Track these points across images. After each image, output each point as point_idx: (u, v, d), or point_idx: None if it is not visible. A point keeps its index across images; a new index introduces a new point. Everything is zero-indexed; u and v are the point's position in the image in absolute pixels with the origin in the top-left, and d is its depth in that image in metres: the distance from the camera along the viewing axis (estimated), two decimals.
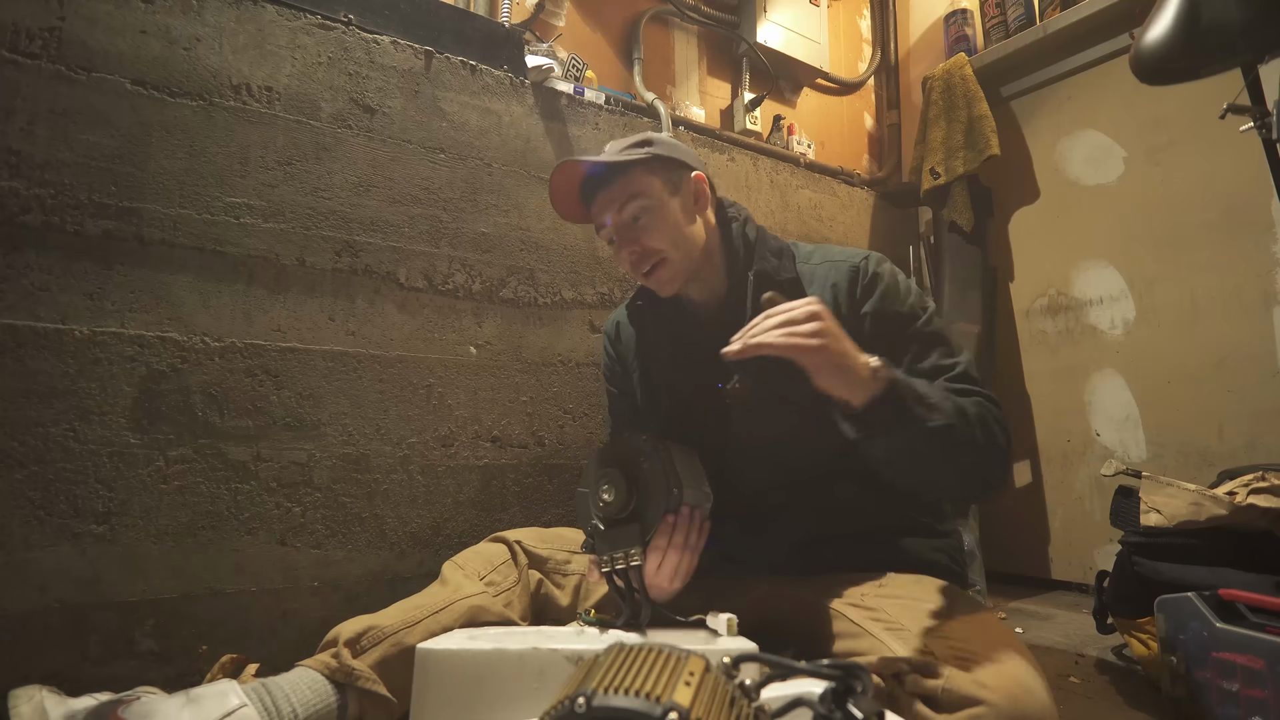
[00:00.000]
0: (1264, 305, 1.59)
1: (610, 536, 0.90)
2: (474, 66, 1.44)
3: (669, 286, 0.98)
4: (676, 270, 0.97)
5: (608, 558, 0.89)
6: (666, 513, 0.87)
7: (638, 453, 0.90)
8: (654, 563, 0.87)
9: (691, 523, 0.88)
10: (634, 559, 0.87)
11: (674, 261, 0.97)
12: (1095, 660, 1.32)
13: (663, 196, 0.96)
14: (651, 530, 0.87)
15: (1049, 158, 2.04)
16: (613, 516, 0.90)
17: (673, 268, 0.97)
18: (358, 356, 1.24)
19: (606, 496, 0.90)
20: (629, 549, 0.88)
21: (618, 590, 0.90)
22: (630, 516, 0.89)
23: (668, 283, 0.98)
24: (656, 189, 0.96)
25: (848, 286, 0.96)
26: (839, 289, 0.96)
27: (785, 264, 0.99)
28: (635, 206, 0.95)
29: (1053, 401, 1.98)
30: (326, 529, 1.18)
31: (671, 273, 0.97)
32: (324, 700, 0.79)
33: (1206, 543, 1.13)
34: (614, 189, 0.95)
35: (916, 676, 0.72)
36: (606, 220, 0.97)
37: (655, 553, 0.87)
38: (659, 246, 0.95)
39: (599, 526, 0.91)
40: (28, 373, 0.98)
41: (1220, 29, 0.98)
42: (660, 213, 0.96)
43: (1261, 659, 0.90)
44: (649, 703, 0.38)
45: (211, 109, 1.15)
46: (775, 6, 2.04)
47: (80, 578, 0.99)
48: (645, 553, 0.87)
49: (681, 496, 0.87)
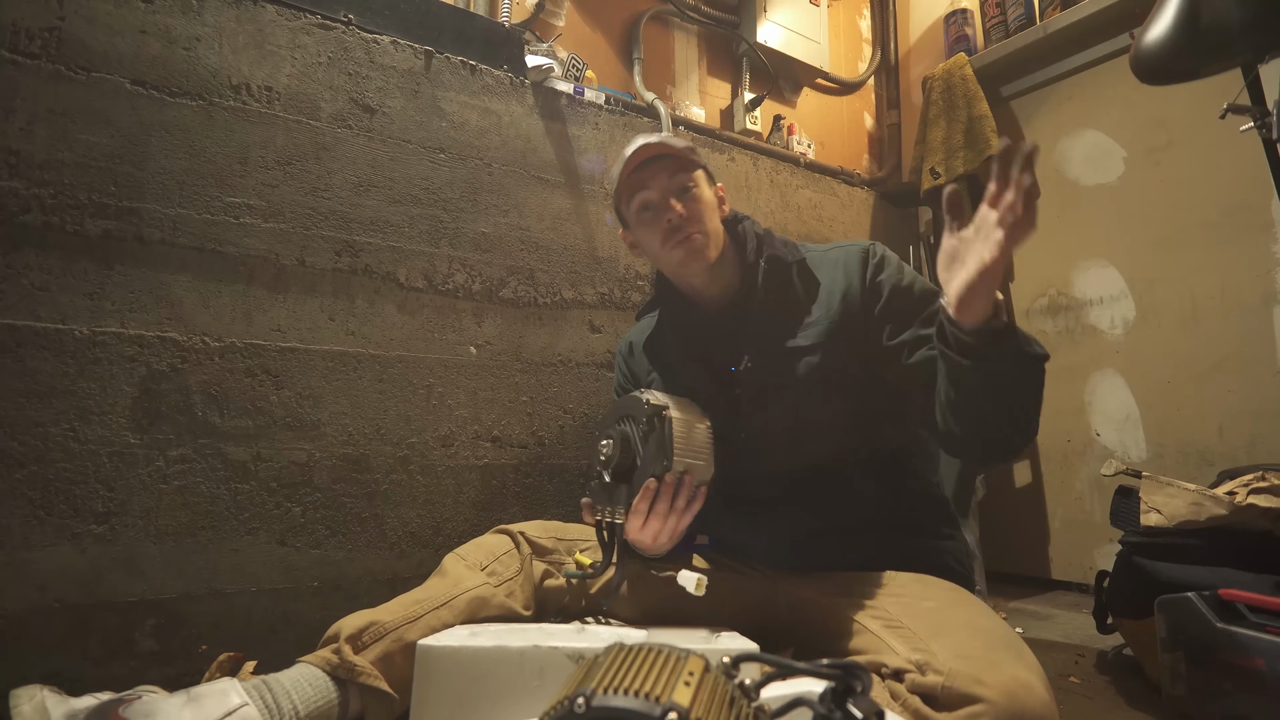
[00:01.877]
0: (1264, 305, 1.59)
1: (606, 490, 0.93)
2: (474, 66, 1.44)
3: (700, 257, 0.99)
4: (707, 241, 1.00)
5: (599, 508, 0.94)
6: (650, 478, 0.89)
7: (643, 414, 0.92)
8: (635, 524, 0.90)
9: (678, 490, 0.89)
10: (618, 516, 0.91)
11: (709, 234, 1.01)
12: (1095, 660, 1.32)
13: (704, 184, 1.03)
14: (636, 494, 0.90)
15: (1049, 158, 2.04)
16: (611, 470, 0.93)
17: (707, 238, 1.00)
18: (358, 356, 1.24)
19: (605, 451, 0.94)
20: (615, 506, 0.91)
21: (602, 542, 0.95)
22: (623, 475, 0.92)
23: (700, 250, 0.99)
24: (700, 176, 1.03)
25: (859, 266, 1.00)
26: (850, 267, 1.01)
27: (793, 250, 1.05)
28: (685, 178, 1.00)
29: (1053, 401, 1.95)
30: (326, 529, 1.18)
31: (704, 241, 1.00)
32: (325, 697, 0.79)
33: (1206, 543, 1.13)
34: (666, 162, 1.00)
35: (916, 674, 0.72)
36: (650, 185, 1.00)
37: (636, 515, 0.89)
38: (699, 216, 1.00)
39: (600, 476, 0.95)
40: (28, 373, 0.98)
41: (1220, 29, 0.98)
42: (703, 193, 1.02)
43: (1261, 659, 0.90)
44: (649, 703, 0.38)
45: (211, 109, 1.15)
46: (775, 6, 2.04)
47: (80, 578, 0.99)
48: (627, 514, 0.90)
49: (670, 465, 0.89)
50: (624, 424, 0.94)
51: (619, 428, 0.94)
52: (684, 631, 0.90)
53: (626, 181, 1.02)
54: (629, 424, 0.93)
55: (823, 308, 1.00)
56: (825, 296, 1.00)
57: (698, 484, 0.92)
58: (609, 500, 0.93)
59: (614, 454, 0.92)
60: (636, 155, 0.99)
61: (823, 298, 1.00)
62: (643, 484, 0.88)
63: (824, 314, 0.99)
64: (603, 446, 0.94)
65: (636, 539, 0.91)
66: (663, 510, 0.89)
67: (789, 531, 1.00)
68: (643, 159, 1.00)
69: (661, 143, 0.99)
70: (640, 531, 0.90)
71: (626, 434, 0.93)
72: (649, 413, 0.90)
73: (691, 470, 0.91)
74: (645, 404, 0.91)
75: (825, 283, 1.01)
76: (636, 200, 1.02)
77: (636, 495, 0.88)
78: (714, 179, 1.08)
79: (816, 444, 0.98)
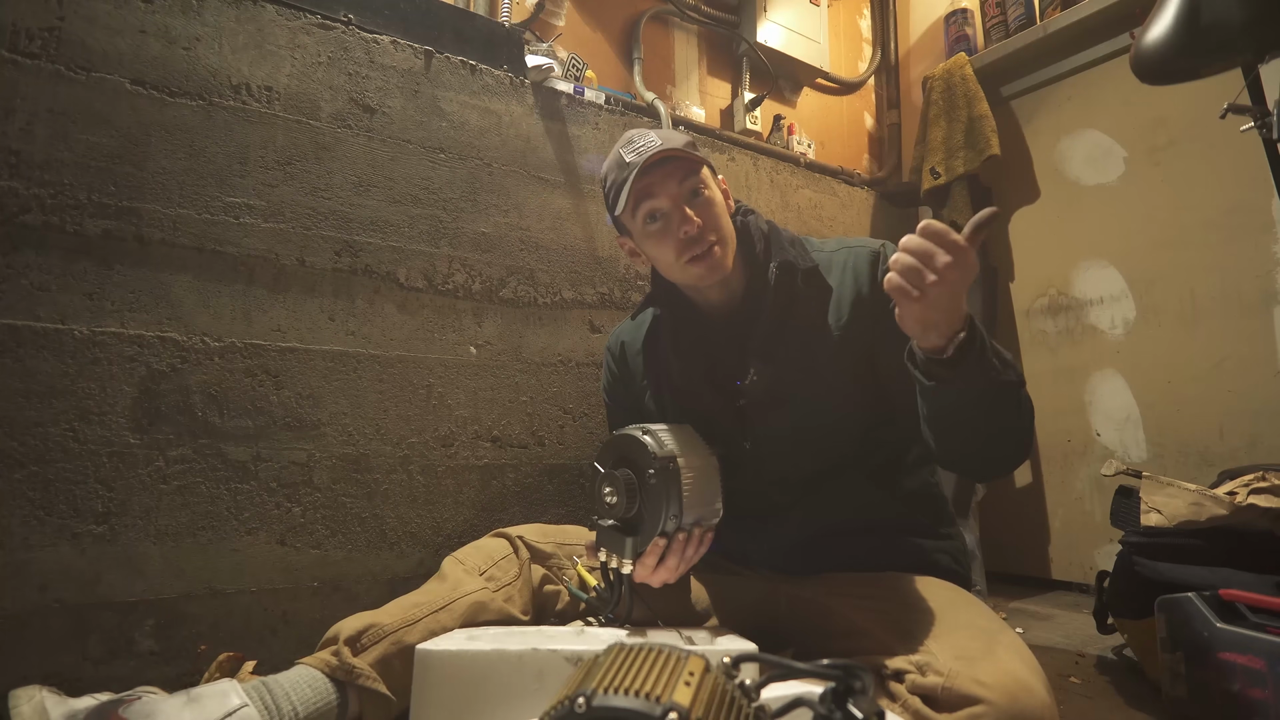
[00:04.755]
0: (1264, 305, 1.59)
1: (608, 535, 0.90)
2: (474, 66, 1.44)
3: (721, 270, 0.95)
4: (727, 252, 0.96)
5: (603, 551, 0.90)
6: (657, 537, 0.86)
7: (649, 462, 0.87)
8: (641, 574, 0.88)
9: (688, 543, 0.88)
10: (624, 566, 0.88)
11: (728, 243, 0.96)
12: (1095, 660, 1.32)
13: (712, 184, 0.98)
14: (642, 548, 0.87)
15: (1049, 158, 2.04)
16: (613, 517, 0.90)
17: (727, 249, 0.96)
18: (358, 356, 1.24)
19: (610, 499, 0.89)
20: (620, 555, 0.88)
21: (608, 581, 0.92)
22: (628, 526, 0.88)
23: (720, 264, 0.95)
24: (709, 176, 0.98)
25: (869, 270, 0.97)
26: (860, 272, 0.97)
27: (802, 253, 0.99)
28: (694, 181, 0.94)
29: (1053, 401, 1.98)
30: (326, 529, 1.18)
31: (724, 254, 0.95)
32: (324, 698, 0.79)
33: (1207, 543, 1.13)
34: (674, 165, 0.94)
35: (916, 675, 0.72)
36: (657, 193, 0.93)
37: (642, 568, 0.87)
38: (716, 224, 0.95)
39: (599, 521, 0.91)
40: (28, 373, 0.98)
41: (1220, 29, 0.98)
42: (714, 196, 0.97)
43: (1262, 659, 0.90)
44: (649, 703, 0.38)
45: (211, 109, 1.15)
46: (775, 6, 2.03)
47: (80, 577, 0.99)
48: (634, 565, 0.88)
49: (680, 524, 0.86)
50: (621, 469, 0.88)
51: (623, 474, 0.88)
52: (684, 632, 0.90)
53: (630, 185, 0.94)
54: (633, 471, 0.88)
55: (834, 315, 0.96)
56: (835, 304, 0.96)
57: (706, 530, 0.91)
58: (615, 548, 0.89)
59: (619, 504, 0.87)
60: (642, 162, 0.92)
61: (833, 305, 0.96)
62: (647, 536, 0.86)
63: (835, 322, 0.96)
64: (606, 494, 0.89)
65: (640, 579, 0.89)
66: (672, 565, 0.87)
67: (790, 535, 1.00)
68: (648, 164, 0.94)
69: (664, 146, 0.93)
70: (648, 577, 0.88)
71: (631, 483, 0.87)
72: (658, 466, 0.85)
73: (701, 520, 0.89)
74: (652, 455, 0.86)
75: (835, 287, 0.97)
76: (643, 209, 0.94)
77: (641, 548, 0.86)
78: (715, 171, 1.02)
79: (820, 451, 0.98)
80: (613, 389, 1.18)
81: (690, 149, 0.96)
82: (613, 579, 0.90)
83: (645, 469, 0.87)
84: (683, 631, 0.90)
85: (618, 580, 0.89)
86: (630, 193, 0.94)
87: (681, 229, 0.92)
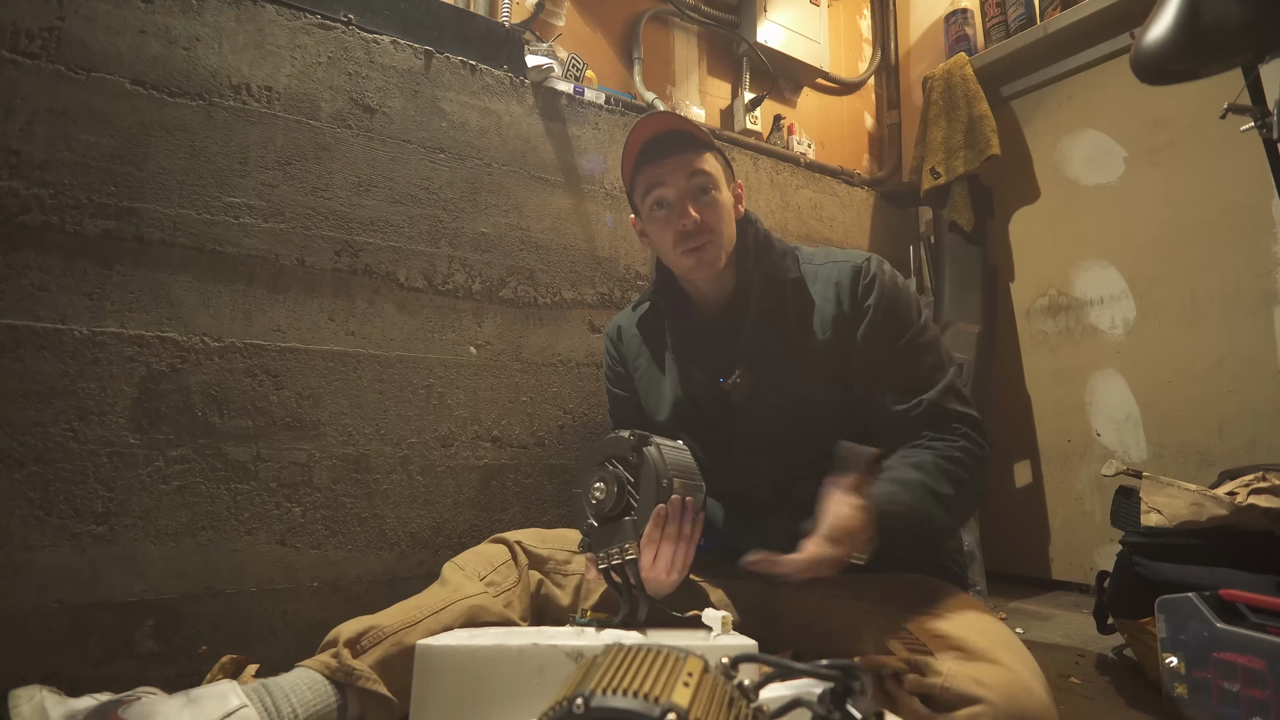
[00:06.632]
0: (1264, 305, 1.59)
1: (605, 533, 0.90)
2: (474, 66, 1.44)
3: (711, 268, 1.00)
4: (719, 252, 1.00)
5: (604, 554, 0.89)
6: (657, 504, 0.87)
7: (625, 448, 0.90)
8: (649, 555, 0.87)
9: (684, 512, 0.88)
10: (629, 553, 0.87)
11: (722, 244, 1.00)
12: (1095, 660, 1.32)
13: (723, 184, 1.02)
14: (644, 523, 0.87)
15: (1049, 158, 2.04)
16: (605, 514, 0.90)
17: (720, 249, 1.00)
18: (357, 356, 1.24)
19: (598, 495, 0.90)
20: (623, 543, 0.87)
21: (615, 586, 0.90)
22: (623, 511, 0.90)
23: (712, 262, 1.00)
24: (720, 175, 1.02)
25: (850, 285, 0.99)
26: (841, 287, 1.00)
27: (790, 265, 1.03)
28: (704, 179, 0.99)
29: (1053, 401, 1.98)
30: (326, 529, 1.18)
31: (716, 253, 1.00)
32: (324, 700, 0.79)
33: (1207, 543, 1.13)
34: (687, 157, 0.99)
35: (916, 675, 0.72)
36: (667, 183, 0.99)
37: (650, 545, 0.87)
38: (715, 225, 0.99)
39: (593, 524, 0.91)
40: (27, 373, 0.98)
41: (1220, 29, 0.98)
42: (720, 196, 1.01)
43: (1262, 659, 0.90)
44: (647, 703, 0.38)
45: (211, 109, 1.15)
46: (775, 6, 2.03)
47: (80, 578, 0.99)
48: (639, 546, 0.87)
49: (672, 487, 0.87)
50: (610, 465, 0.91)
51: (606, 470, 0.91)
52: (683, 632, 0.90)
53: (643, 170, 1.01)
54: (615, 465, 0.91)
55: (817, 327, 0.99)
56: (818, 318, 1.00)
57: (699, 509, 0.91)
58: (611, 541, 0.89)
59: (609, 494, 0.89)
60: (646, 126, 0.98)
61: (816, 319, 1.00)
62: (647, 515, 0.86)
63: (817, 335, 0.99)
64: (595, 490, 0.91)
65: (650, 575, 0.88)
66: (673, 534, 0.87)
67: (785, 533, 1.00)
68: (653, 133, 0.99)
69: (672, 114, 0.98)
70: (654, 565, 0.87)
71: (618, 474, 0.90)
72: (634, 443, 0.89)
73: (690, 493, 0.90)
74: (628, 440, 0.89)
75: (819, 301, 1.01)
76: (652, 195, 1.01)
77: (643, 523, 0.86)
78: (733, 174, 1.06)
79: (810, 448, 0.98)
80: (614, 373, 1.21)
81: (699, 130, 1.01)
82: (620, 580, 0.89)
83: (625, 453, 0.90)
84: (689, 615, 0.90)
85: (625, 581, 0.89)
86: (643, 174, 1.01)
87: (680, 221, 0.98)
